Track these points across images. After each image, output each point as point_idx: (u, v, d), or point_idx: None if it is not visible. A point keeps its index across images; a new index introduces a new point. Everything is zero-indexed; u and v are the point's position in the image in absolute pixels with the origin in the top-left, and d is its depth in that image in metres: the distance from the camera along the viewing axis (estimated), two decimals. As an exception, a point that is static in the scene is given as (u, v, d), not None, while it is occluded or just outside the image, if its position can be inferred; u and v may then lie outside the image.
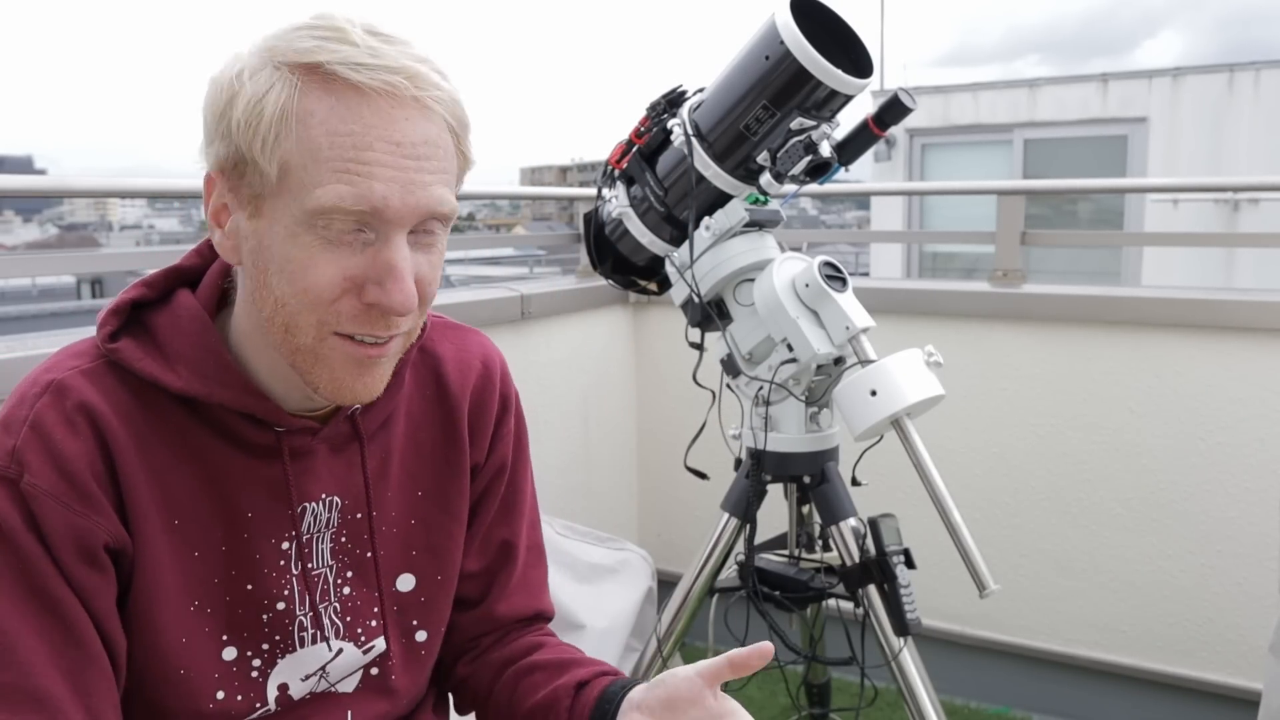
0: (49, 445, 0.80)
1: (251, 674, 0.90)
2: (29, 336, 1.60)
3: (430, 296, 0.86)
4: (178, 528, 0.86)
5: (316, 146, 0.77)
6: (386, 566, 0.98)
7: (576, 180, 37.51)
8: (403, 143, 0.78)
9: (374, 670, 0.98)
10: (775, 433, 1.54)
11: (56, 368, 0.85)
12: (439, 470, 1.01)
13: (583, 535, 2.29)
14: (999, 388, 2.43)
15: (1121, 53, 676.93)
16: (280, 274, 0.80)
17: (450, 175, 0.83)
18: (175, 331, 0.87)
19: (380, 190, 0.77)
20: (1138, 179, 7.46)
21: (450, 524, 1.02)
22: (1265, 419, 2.17)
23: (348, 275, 0.79)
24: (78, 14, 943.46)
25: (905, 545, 1.47)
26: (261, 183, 0.79)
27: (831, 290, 1.44)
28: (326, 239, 0.78)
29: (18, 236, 32.37)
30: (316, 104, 0.77)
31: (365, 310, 0.81)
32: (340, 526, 0.94)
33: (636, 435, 2.95)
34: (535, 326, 2.48)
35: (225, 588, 0.89)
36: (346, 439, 0.94)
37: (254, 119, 0.77)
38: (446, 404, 1.02)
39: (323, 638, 0.94)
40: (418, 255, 0.82)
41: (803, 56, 1.31)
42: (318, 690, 0.95)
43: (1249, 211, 7.60)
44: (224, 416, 0.87)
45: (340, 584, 0.95)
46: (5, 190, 1.58)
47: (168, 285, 0.90)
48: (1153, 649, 2.34)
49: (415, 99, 0.78)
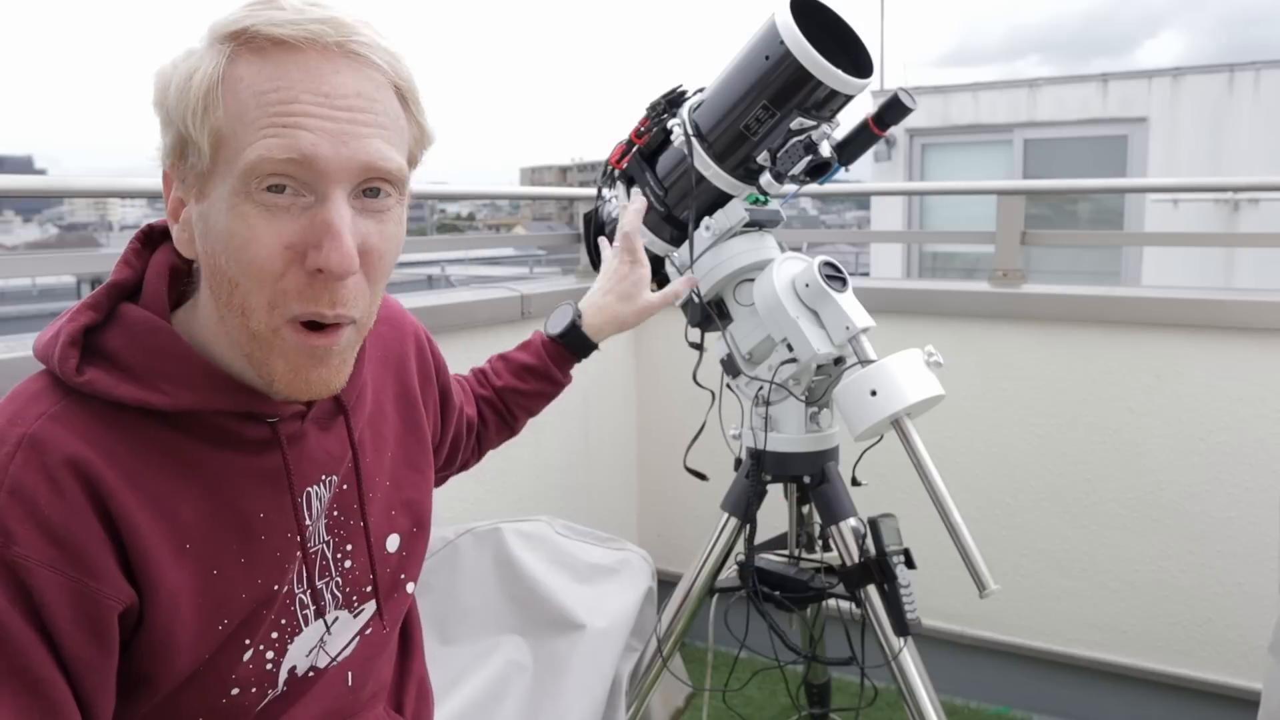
0: (35, 512, 0.74)
1: (266, 666, 0.90)
2: (29, 336, 1.60)
3: (382, 272, 0.82)
4: (190, 551, 0.82)
5: (244, 109, 0.75)
6: (377, 532, 0.98)
7: (576, 180, 37.49)
8: (331, 94, 0.76)
9: (368, 630, 0.99)
10: (775, 433, 1.54)
11: (20, 418, 0.78)
12: (401, 430, 1.04)
13: (583, 535, 2.29)
14: (999, 388, 2.43)
15: (1123, 52, 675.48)
16: (226, 252, 0.78)
17: (393, 134, 0.80)
18: (137, 348, 0.82)
19: (309, 139, 0.75)
20: (1138, 179, 7.46)
21: (417, 478, 1.05)
22: (1265, 419, 2.17)
23: (288, 243, 0.77)
24: (78, 14, 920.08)
25: (905, 545, 1.47)
26: (200, 160, 0.77)
27: (831, 290, 1.44)
28: (264, 205, 0.76)
29: (18, 236, 32.34)
30: (245, 69, 0.76)
31: (310, 282, 0.78)
32: (332, 501, 0.94)
33: (636, 435, 2.95)
34: (535, 326, 2.47)
35: (253, 600, 0.86)
36: (330, 414, 0.93)
37: (185, 95, 0.77)
38: (396, 364, 1.06)
39: (320, 614, 0.93)
40: (366, 222, 0.79)
41: (803, 56, 1.30)
42: (319, 664, 0.95)
43: (1249, 211, 7.59)
44: (216, 422, 0.84)
45: (341, 558, 0.94)
46: (5, 190, 1.58)
47: (111, 304, 0.85)
48: (1152, 649, 2.34)
49: (340, 45, 0.76)
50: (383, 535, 0.99)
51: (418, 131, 0.84)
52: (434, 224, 17.43)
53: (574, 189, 3.31)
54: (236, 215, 0.76)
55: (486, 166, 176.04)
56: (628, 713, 1.66)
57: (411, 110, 0.83)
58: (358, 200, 0.79)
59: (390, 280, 0.89)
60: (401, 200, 0.83)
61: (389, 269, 0.84)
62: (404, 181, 0.82)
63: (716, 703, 2.21)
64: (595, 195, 1.64)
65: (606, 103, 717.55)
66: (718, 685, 1.81)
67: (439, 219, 20.93)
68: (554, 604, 1.68)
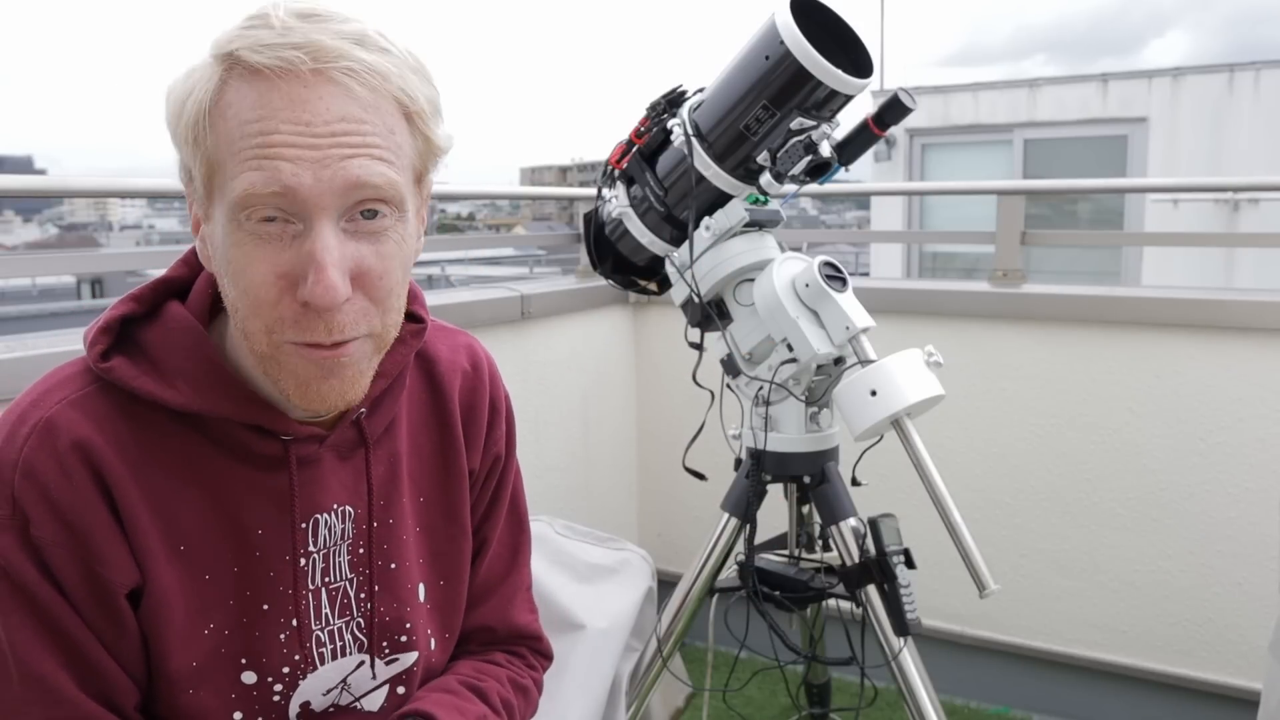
0: (46, 495, 0.78)
1: (274, 698, 0.88)
2: (29, 336, 1.60)
3: (385, 291, 0.80)
4: (184, 553, 0.83)
5: (231, 139, 0.75)
6: (410, 578, 0.95)
7: (576, 180, 37.49)
8: (312, 122, 0.74)
9: (400, 689, 0.96)
10: (775, 433, 1.54)
11: (44, 401, 0.81)
12: (438, 475, 0.99)
13: (583, 535, 2.29)
14: (999, 388, 2.43)
15: (1129, 52, 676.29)
16: (227, 276, 0.78)
17: (386, 152, 0.77)
18: (168, 346, 0.83)
19: (289, 170, 0.73)
20: (1138, 179, 7.46)
21: (453, 529, 1.00)
22: (1265, 419, 2.17)
23: (280, 273, 0.76)
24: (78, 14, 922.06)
25: (905, 545, 1.47)
26: (200, 186, 0.78)
27: (831, 290, 1.44)
28: (256, 235, 0.76)
29: (18, 236, 32.35)
30: (233, 95, 0.75)
31: (304, 312, 0.77)
32: (356, 538, 0.91)
33: (636, 435, 2.95)
34: (535, 326, 2.48)
35: (241, 609, 0.86)
36: (353, 445, 0.91)
37: (180, 121, 0.77)
38: (441, 407, 0.99)
39: (343, 653, 0.91)
40: (360, 245, 0.77)
41: (802, 56, 1.30)
42: (341, 703, 0.93)
43: (1249, 211, 7.59)
44: (228, 430, 0.84)
45: (365, 598, 0.91)
46: (5, 190, 1.58)
47: (156, 298, 0.87)
48: (1152, 649, 2.34)
49: (317, 73, 0.74)
50: (413, 583, 0.96)
51: (423, 144, 0.81)
52: (434, 224, 17.44)
53: (574, 189, 3.31)
54: (233, 243, 0.77)
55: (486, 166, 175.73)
56: (628, 713, 1.66)
57: (416, 124, 0.80)
58: (351, 223, 0.77)
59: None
60: (402, 218, 0.81)
61: (394, 288, 0.81)
62: (400, 199, 0.79)
63: (716, 703, 2.21)
64: (595, 195, 1.63)
65: (606, 103, 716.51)
66: (718, 685, 1.82)
67: (439, 219, 20.93)
68: (554, 604, 1.68)
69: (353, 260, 0.77)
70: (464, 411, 1.01)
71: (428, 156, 0.83)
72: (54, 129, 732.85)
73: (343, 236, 0.77)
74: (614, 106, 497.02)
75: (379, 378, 0.87)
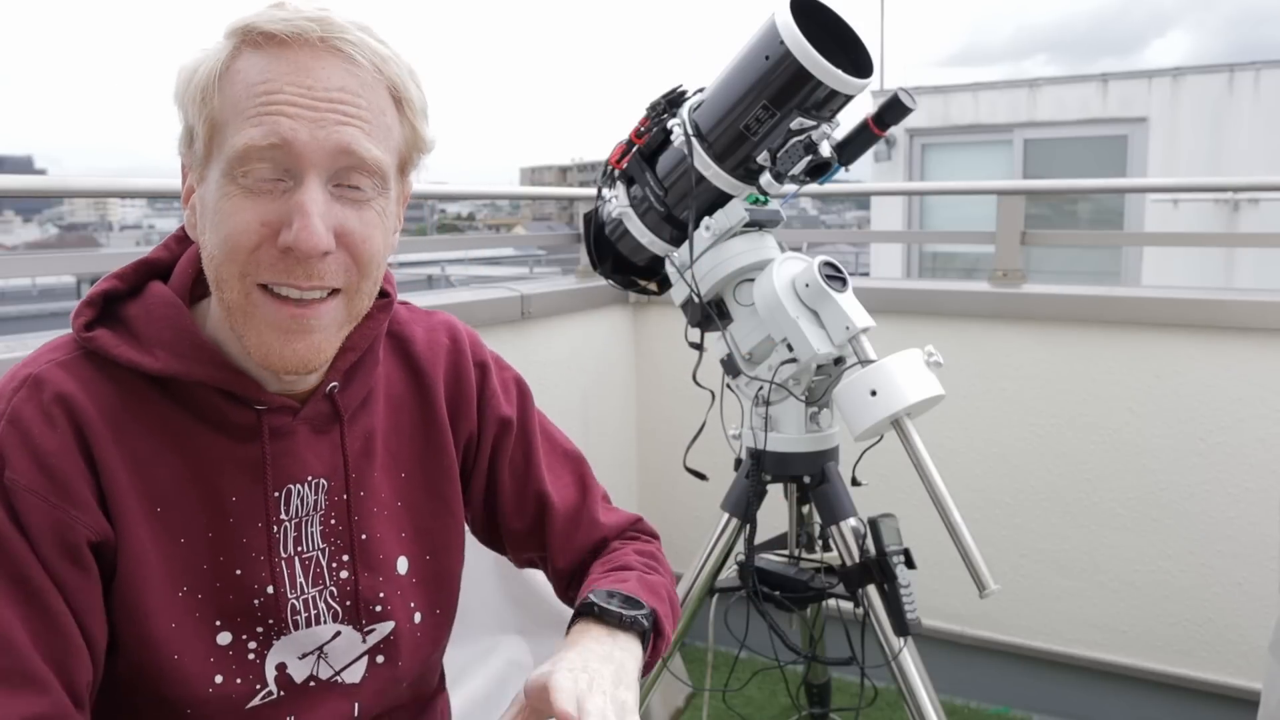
0: (27, 440, 0.81)
1: (248, 656, 0.90)
2: (29, 336, 1.60)
3: (366, 257, 0.85)
4: (160, 515, 0.86)
5: (238, 100, 0.81)
6: (385, 549, 0.98)
7: (576, 180, 37.49)
8: (314, 86, 0.81)
9: (379, 658, 0.98)
10: (775, 433, 1.54)
11: (34, 362, 0.86)
12: (420, 453, 1.02)
13: (583, 535, 2.29)
14: (999, 388, 2.43)
15: (1131, 52, 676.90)
16: (210, 228, 0.83)
17: (375, 129, 0.84)
18: (149, 319, 0.88)
19: (287, 124, 0.80)
20: (1138, 179, 7.46)
21: (436, 505, 1.03)
22: (1265, 419, 2.17)
23: (264, 221, 0.81)
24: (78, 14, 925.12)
25: (905, 545, 1.47)
26: (201, 147, 0.83)
27: (831, 290, 1.44)
28: (247, 188, 0.81)
29: (18, 236, 32.35)
30: (244, 63, 0.82)
31: (282, 258, 0.82)
32: (329, 509, 0.94)
33: (636, 435, 2.95)
34: (535, 326, 2.48)
35: (214, 573, 0.89)
36: (327, 419, 0.94)
37: (189, 85, 0.83)
38: (422, 385, 1.03)
39: (318, 621, 0.93)
40: (344, 209, 0.83)
41: (802, 56, 1.31)
42: (321, 675, 0.94)
43: (1249, 211, 7.59)
44: (204, 397, 0.88)
45: (336, 568, 0.95)
46: (5, 190, 1.58)
47: (139, 278, 0.92)
48: (1152, 649, 2.35)
49: (324, 41, 0.81)
50: (392, 554, 0.98)
51: (410, 134, 0.88)
52: (434, 224, 17.43)
53: (574, 189, 3.31)
54: (224, 196, 0.82)
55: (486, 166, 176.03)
56: (628, 713, 1.66)
57: (405, 113, 0.87)
58: (336, 189, 0.83)
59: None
60: (384, 193, 0.86)
61: (375, 254, 0.86)
62: (383, 175, 0.85)
63: (716, 703, 2.21)
64: (595, 195, 1.64)
65: (606, 103, 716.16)
66: (718, 685, 1.81)
67: (439, 219, 20.93)
68: (554, 604, 1.67)
69: (337, 220, 0.83)
70: (450, 385, 1.05)
71: (413, 147, 0.89)
72: (54, 129, 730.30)
73: (329, 197, 0.83)
74: (614, 106, 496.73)
75: (348, 351, 0.92)
